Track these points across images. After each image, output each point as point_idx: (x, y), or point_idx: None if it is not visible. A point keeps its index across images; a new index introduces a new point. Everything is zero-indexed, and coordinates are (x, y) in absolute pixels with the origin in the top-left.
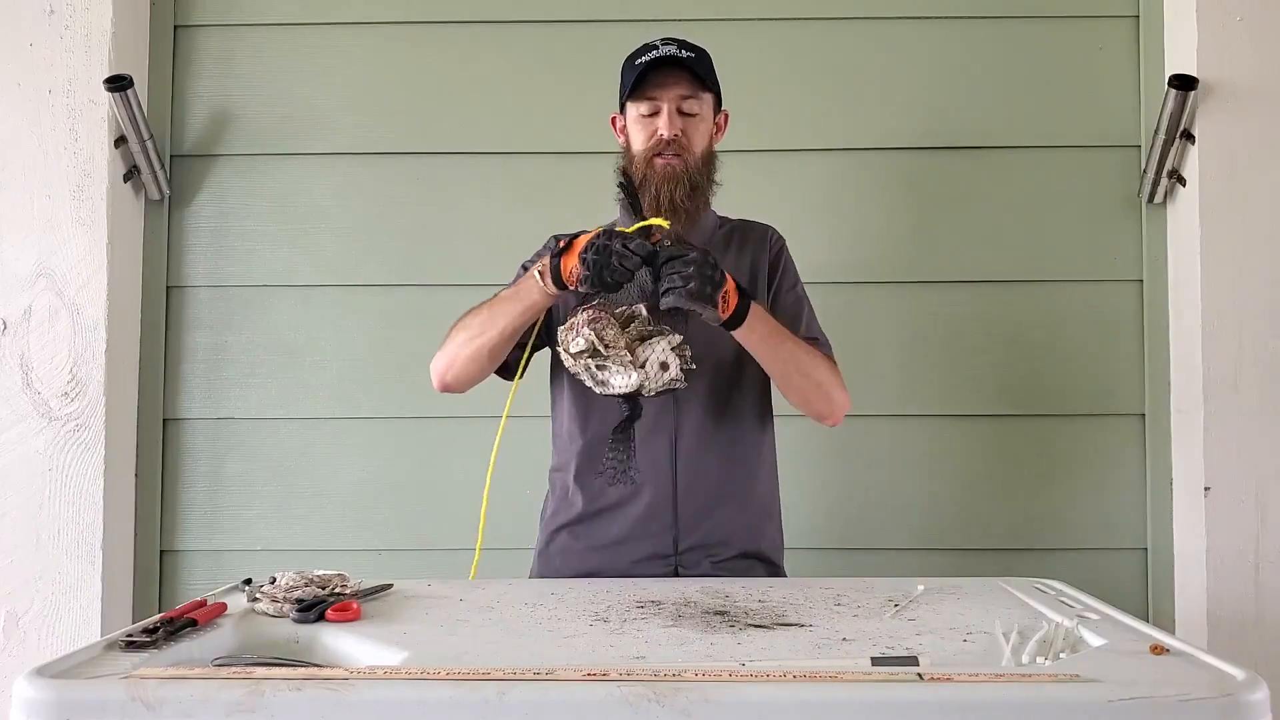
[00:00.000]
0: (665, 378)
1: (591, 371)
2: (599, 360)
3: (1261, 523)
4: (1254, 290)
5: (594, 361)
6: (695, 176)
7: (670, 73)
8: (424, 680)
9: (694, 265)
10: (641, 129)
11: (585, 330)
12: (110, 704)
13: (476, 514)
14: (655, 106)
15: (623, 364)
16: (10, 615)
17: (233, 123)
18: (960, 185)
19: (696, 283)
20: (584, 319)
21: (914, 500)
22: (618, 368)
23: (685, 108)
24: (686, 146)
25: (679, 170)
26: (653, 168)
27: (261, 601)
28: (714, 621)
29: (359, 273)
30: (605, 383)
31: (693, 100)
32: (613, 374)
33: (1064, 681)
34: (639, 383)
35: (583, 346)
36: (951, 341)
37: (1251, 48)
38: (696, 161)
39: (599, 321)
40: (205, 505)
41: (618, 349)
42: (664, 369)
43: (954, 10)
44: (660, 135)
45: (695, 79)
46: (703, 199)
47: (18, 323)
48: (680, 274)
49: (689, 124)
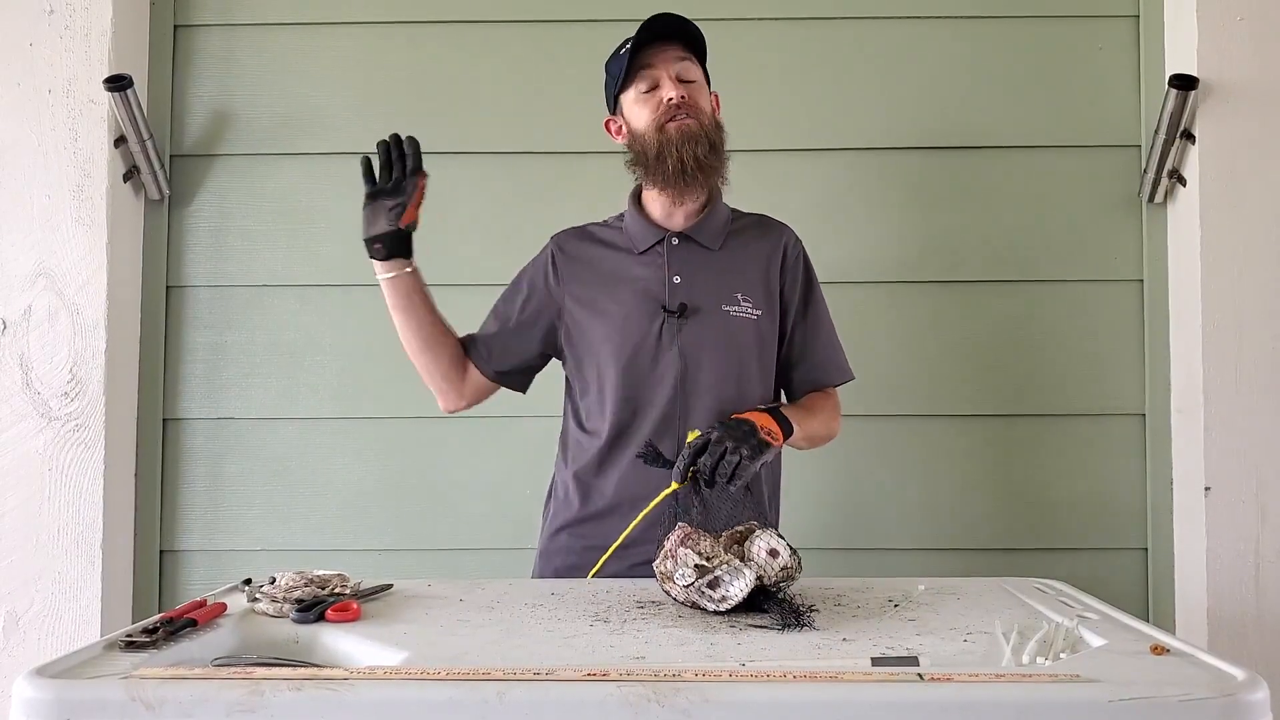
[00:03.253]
0: (778, 565)
1: (705, 593)
2: (709, 578)
3: (1261, 523)
4: (1254, 290)
5: (704, 581)
6: (712, 134)
7: (661, 45)
8: (424, 680)
9: (728, 439)
10: (643, 106)
11: (684, 554)
12: (110, 704)
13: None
14: (654, 78)
15: (733, 569)
16: (10, 615)
17: (233, 123)
18: (960, 185)
19: (744, 450)
20: (675, 544)
21: (914, 500)
22: (728, 575)
23: (683, 73)
24: (696, 108)
25: (695, 129)
26: (666, 133)
27: (261, 601)
28: (714, 621)
29: (359, 273)
30: (724, 597)
31: (688, 63)
32: (728, 585)
33: (1064, 681)
34: (755, 578)
35: (693, 574)
36: (951, 341)
37: (1251, 48)
38: (709, 120)
39: (691, 539)
40: (205, 505)
41: (720, 556)
42: (774, 556)
43: (954, 10)
44: (667, 99)
45: (686, 48)
46: (722, 161)
47: (18, 323)
48: (725, 456)
49: (691, 89)
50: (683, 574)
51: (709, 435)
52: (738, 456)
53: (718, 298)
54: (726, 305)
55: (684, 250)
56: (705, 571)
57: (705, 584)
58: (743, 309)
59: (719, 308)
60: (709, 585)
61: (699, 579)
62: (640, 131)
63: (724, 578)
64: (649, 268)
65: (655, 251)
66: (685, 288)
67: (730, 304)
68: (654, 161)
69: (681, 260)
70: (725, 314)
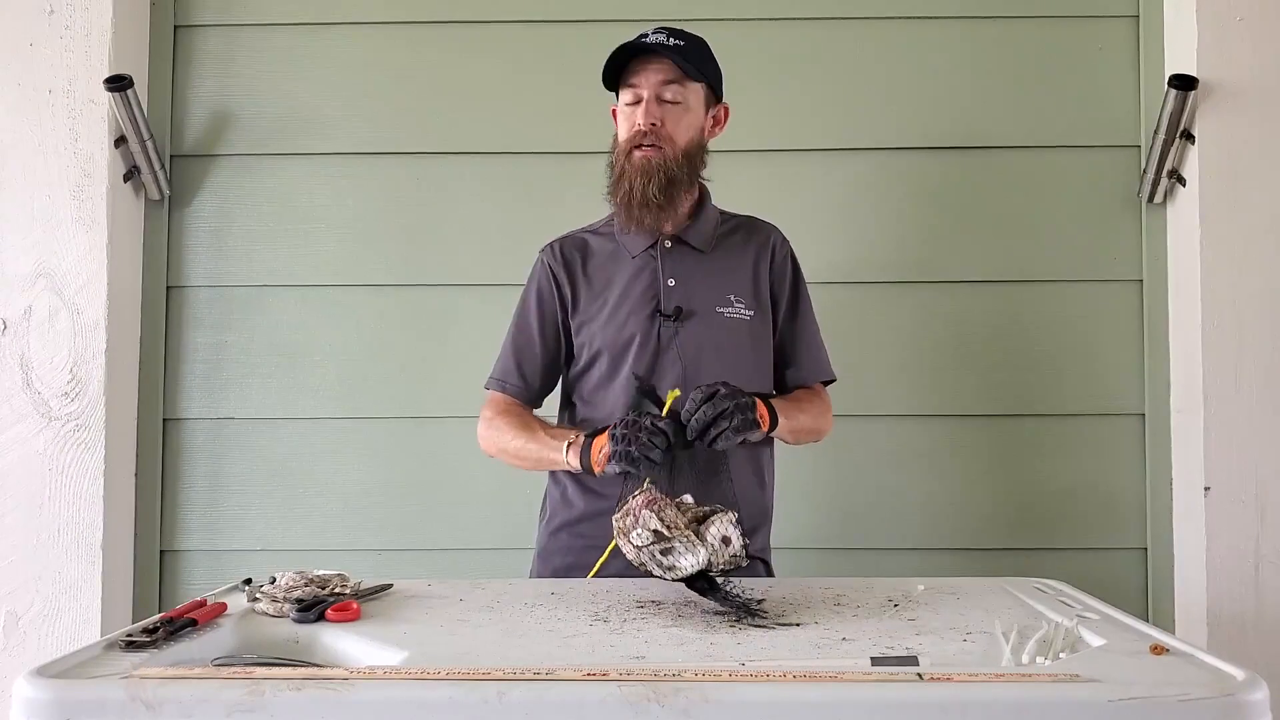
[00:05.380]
0: (728, 553)
1: (656, 558)
2: (664, 545)
3: (1261, 523)
4: (1254, 290)
5: (658, 547)
6: (672, 168)
7: (651, 60)
8: (424, 680)
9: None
10: (624, 119)
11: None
12: (110, 704)
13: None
14: (636, 95)
15: (689, 544)
16: (10, 615)
17: (233, 123)
18: (960, 185)
19: (739, 418)
20: (640, 505)
21: (914, 500)
22: (684, 549)
23: (667, 95)
24: (666, 136)
25: (654, 162)
26: (630, 160)
27: (261, 601)
28: (714, 621)
29: (359, 273)
30: (673, 566)
31: (675, 87)
32: (679, 556)
33: (1064, 681)
34: (706, 559)
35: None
36: (951, 341)
37: (1251, 48)
38: (676, 153)
39: (656, 504)
40: (205, 505)
41: (679, 529)
42: (726, 544)
43: (954, 10)
44: (634, 127)
45: (677, 67)
46: (680, 192)
47: (18, 323)
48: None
49: (670, 113)
50: (639, 534)
51: (718, 388)
52: (735, 419)
53: (711, 300)
54: (720, 307)
55: (677, 254)
56: (662, 539)
57: (659, 550)
58: (735, 309)
59: (713, 309)
60: (662, 552)
61: (654, 544)
62: (617, 144)
63: (678, 548)
64: (643, 271)
65: (649, 255)
66: (680, 291)
67: (724, 305)
68: (614, 182)
69: (675, 264)
70: (720, 315)
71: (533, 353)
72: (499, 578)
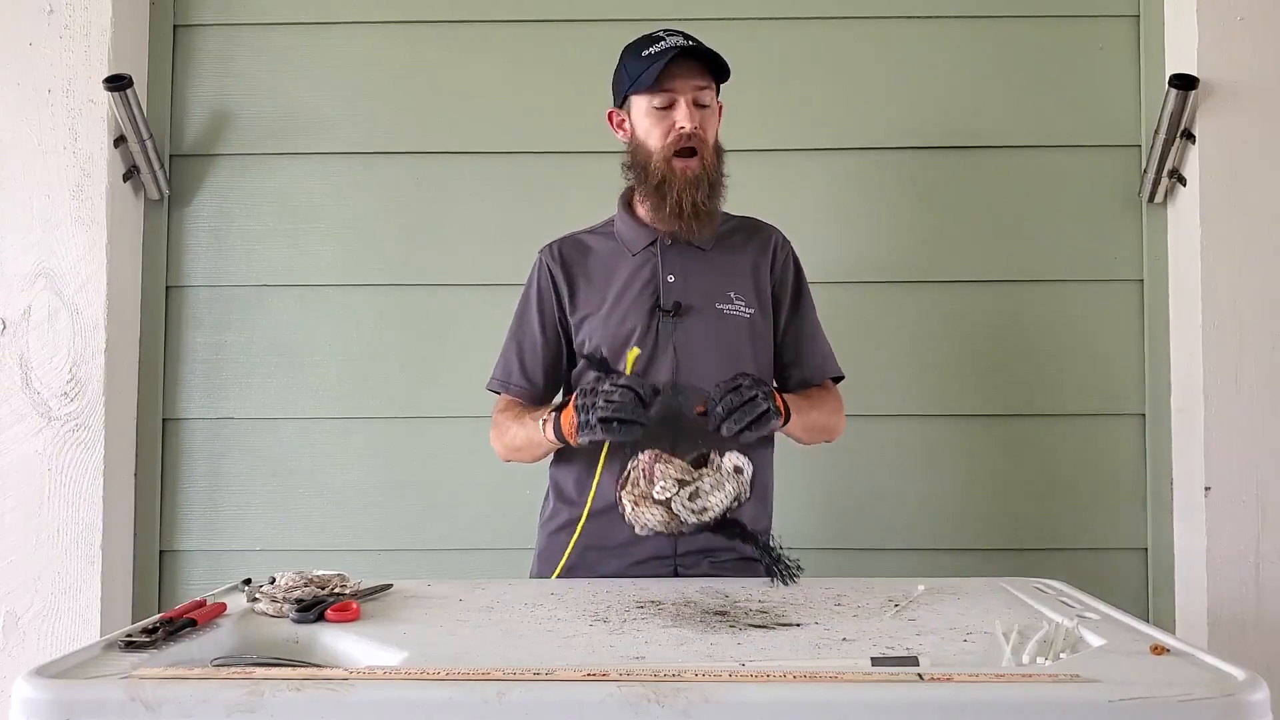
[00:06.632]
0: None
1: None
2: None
3: (1261, 523)
4: (1254, 290)
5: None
6: (713, 175)
7: (686, 64)
8: (423, 680)
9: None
10: (656, 123)
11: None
12: (110, 704)
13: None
14: (671, 99)
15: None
16: (10, 615)
17: (232, 123)
18: (960, 185)
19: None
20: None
21: (914, 500)
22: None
23: (700, 99)
24: (701, 139)
25: (698, 173)
26: (673, 170)
27: (261, 601)
28: (714, 621)
29: (359, 273)
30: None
31: (707, 91)
32: (708, 495)
33: (1064, 681)
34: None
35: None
36: (951, 341)
37: (1251, 48)
38: (712, 158)
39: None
40: (204, 505)
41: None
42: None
43: (954, 10)
44: (681, 129)
45: (707, 71)
46: (720, 199)
47: (17, 323)
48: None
49: (704, 116)
50: (662, 488)
51: (740, 380)
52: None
53: (711, 296)
54: (720, 304)
55: (677, 250)
56: (687, 484)
57: (686, 496)
58: (735, 307)
59: (713, 306)
60: (690, 497)
61: (680, 490)
62: (646, 146)
63: (704, 488)
64: (643, 268)
65: (649, 252)
66: (679, 286)
67: (724, 302)
68: (653, 189)
69: (675, 260)
70: (719, 312)
71: (535, 352)
72: (499, 578)
